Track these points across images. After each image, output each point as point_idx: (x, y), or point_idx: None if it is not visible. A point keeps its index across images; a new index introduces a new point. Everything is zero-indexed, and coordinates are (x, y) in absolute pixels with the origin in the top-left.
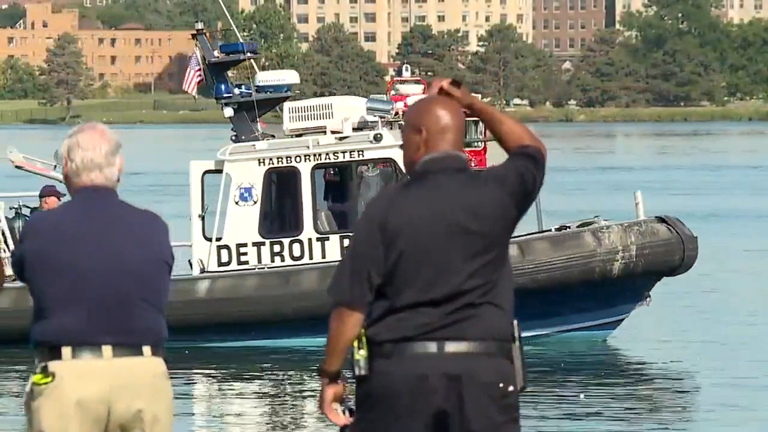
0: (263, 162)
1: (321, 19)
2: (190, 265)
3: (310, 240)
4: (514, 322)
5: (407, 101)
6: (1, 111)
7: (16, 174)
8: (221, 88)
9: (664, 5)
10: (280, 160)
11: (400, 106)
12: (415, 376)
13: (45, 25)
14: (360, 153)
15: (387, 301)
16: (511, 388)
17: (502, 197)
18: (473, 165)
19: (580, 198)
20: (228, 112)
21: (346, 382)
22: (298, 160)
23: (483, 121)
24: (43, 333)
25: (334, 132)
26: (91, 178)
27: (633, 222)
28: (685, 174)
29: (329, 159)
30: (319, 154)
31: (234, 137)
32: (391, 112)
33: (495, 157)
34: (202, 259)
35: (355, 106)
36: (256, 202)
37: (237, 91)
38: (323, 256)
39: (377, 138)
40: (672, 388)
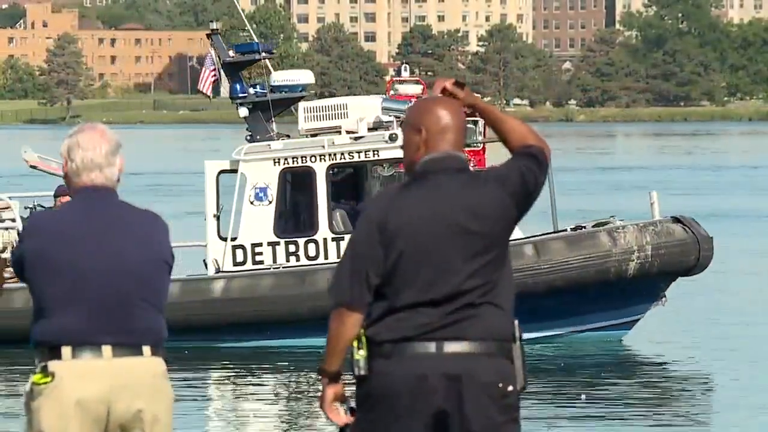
0: (278, 162)
1: (321, 19)
2: (205, 265)
3: (325, 240)
4: (515, 322)
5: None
6: (1, 111)
7: (31, 174)
8: (236, 88)
9: (664, 5)
10: (295, 160)
11: None
12: (415, 376)
13: (45, 25)
14: (375, 153)
15: (387, 301)
16: (510, 388)
17: (502, 197)
18: (472, 165)
19: (580, 198)
20: (243, 112)
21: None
22: (313, 159)
23: (486, 122)
24: (43, 333)
25: (349, 132)
26: (91, 178)
27: (648, 222)
28: (685, 174)
29: (344, 159)
30: (334, 154)
31: (249, 137)
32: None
33: (495, 157)
34: (217, 259)
35: (371, 106)
36: (271, 202)
37: (252, 90)
38: (338, 256)
39: (392, 138)
40: (684, 389)
